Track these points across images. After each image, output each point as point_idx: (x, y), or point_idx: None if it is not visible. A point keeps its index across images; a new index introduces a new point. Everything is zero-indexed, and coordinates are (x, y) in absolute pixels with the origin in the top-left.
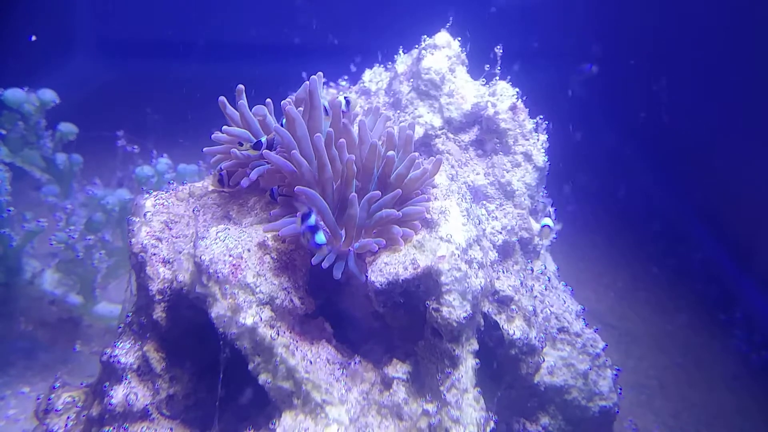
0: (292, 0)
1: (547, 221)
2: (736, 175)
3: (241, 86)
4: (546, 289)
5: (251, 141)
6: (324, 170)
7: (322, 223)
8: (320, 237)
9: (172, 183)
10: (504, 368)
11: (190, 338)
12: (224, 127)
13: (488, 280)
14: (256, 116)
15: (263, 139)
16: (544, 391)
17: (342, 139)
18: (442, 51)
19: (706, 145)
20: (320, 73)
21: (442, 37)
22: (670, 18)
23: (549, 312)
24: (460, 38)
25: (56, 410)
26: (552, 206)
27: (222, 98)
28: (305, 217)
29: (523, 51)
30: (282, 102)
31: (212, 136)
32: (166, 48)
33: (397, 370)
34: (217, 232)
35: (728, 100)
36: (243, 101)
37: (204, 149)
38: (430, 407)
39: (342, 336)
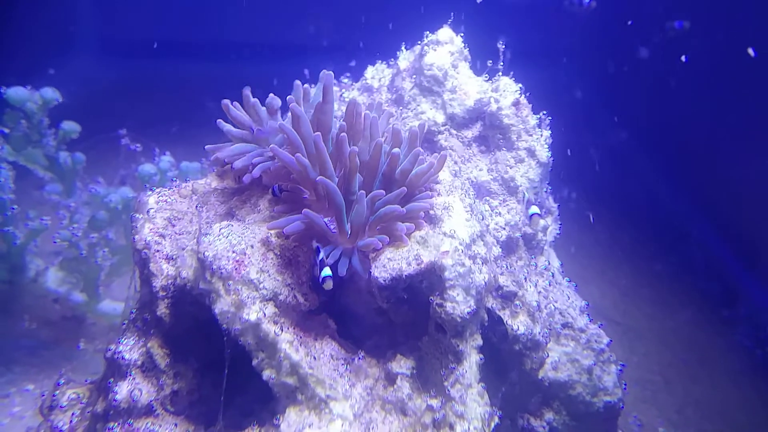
0: None
1: (535, 209)
2: (739, 172)
3: (247, 89)
4: (550, 285)
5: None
6: (325, 168)
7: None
8: (326, 271)
9: (175, 180)
10: (508, 364)
11: (194, 334)
12: (235, 113)
13: (492, 275)
14: (269, 107)
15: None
16: (549, 387)
17: (343, 134)
18: (444, 47)
19: (709, 142)
20: (330, 73)
21: (445, 32)
22: (672, 13)
23: (553, 308)
24: (462, 34)
25: (61, 407)
26: (535, 195)
27: (225, 101)
28: (316, 251)
29: (525, 48)
30: (288, 97)
31: (223, 126)
32: (169, 47)
33: (401, 365)
34: (220, 229)
35: (731, 97)
36: (255, 100)
37: (206, 146)
38: (435, 402)
39: (345, 332)
